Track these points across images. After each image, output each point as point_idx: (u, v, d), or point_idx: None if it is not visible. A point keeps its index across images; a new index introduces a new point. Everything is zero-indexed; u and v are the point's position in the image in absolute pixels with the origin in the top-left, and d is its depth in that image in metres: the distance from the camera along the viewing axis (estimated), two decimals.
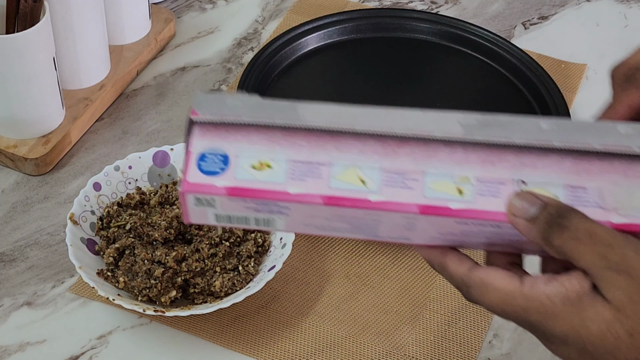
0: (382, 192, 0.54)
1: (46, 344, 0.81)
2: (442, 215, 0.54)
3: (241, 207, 0.55)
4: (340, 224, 0.56)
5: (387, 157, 0.55)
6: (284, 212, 0.55)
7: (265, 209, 0.55)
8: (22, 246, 0.88)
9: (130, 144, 0.98)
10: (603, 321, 0.53)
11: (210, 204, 0.55)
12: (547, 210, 0.53)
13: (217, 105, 0.55)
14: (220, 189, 0.54)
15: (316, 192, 0.54)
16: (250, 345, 0.81)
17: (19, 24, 0.90)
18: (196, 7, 1.16)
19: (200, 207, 0.55)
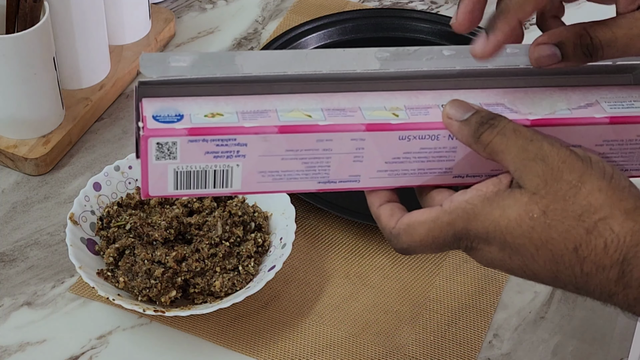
0: (328, 120, 0.59)
1: (46, 344, 0.81)
2: (386, 129, 0.59)
3: (201, 154, 0.57)
4: (295, 164, 0.59)
5: (323, 100, 0.60)
6: (241, 153, 0.57)
7: (224, 150, 0.57)
8: (22, 246, 0.88)
9: (130, 144, 0.98)
10: (520, 205, 0.56)
11: (172, 153, 0.56)
12: (478, 114, 0.59)
13: (162, 66, 0.58)
14: (181, 130, 0.56)
15: (270, 124, 0.57)
16: (250, 345, 0.81)
17: (19, 24, 0.90)
18: (196, 7, 1.16)
19: (161, 161, 0.56)
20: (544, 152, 0.57)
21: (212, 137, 0.56)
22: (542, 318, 0.84)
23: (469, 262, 0.88)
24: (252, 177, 0.58)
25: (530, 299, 0.85)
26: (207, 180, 0.58)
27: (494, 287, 0.86)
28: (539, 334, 0.83)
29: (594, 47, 0.60)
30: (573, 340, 0.82)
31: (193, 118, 0.57)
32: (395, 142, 0.60)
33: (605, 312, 0.84)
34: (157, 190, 0.58)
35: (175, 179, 0.58)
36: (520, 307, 0.85)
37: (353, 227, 0.90)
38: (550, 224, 0.56)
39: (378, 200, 0.62)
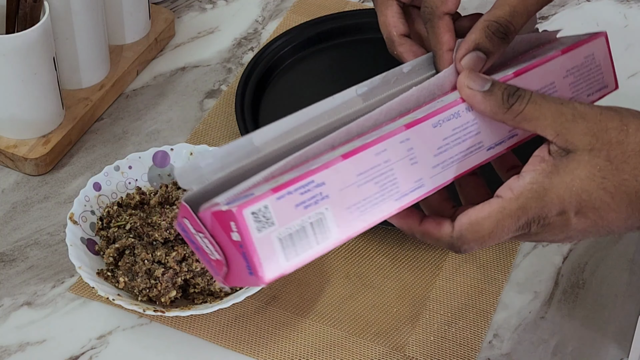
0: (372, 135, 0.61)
1: (46, 344, 0.81)
2: (421, 121, 0.61)
3: (292, 209, 0.56)
4: (370, 187, 0.59)
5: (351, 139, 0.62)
6: (324, 194, 0.57)
7: (310, 197, 0.56)
8: (22, 246, 0.88)
9: (130, 144, 0.98)
10: (585, 164, 0.59)
11: (268, 219, 0.55)
12: (500, 85, 0.61)
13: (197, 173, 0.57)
14: (265, 192, 0.55)
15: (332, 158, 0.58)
16: (250, 346, 0.81)
17: (19, 24, 0.90)
18: (196, 7, 1.16)
19: (262, 233, 0.55)
20: (579, 110, 0.60)
21: (293, 186, 0.56)
22: (542, 318, 0.84)
23: (469, 262, 0.88)
24: (343, 217, 0.58)
25: (530, 299, 0.85)
26: (309, 237, 0.57)
27: (494, 287, 0.86)
28: (539, 334, 0.83)
29: (504, 27, 0.63)
30: (573, 340, 0.82)
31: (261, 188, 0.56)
32: (432, 132, 0.61)
33: (605, 313, 0.84)
34: (272, 270, 0.55)
35: (282, 247, 0.56)
36: (520, 307, 0.85)
37: None
38: (618, 167, 0.59)
39: (413, 221, 0.63)
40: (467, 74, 0.62)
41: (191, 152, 0.90)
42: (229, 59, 1.09)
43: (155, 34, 1.07)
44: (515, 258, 0.88)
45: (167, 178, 0.89)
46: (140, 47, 1.06)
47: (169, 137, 0.99)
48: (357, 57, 1.08)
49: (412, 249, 0.88)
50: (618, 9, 1.17)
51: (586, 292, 0.86)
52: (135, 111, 1.02)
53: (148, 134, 0.99)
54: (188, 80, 1.06)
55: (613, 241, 0.90)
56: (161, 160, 0.89)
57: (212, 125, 1.00)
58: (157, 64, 1.08)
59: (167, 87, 1.05)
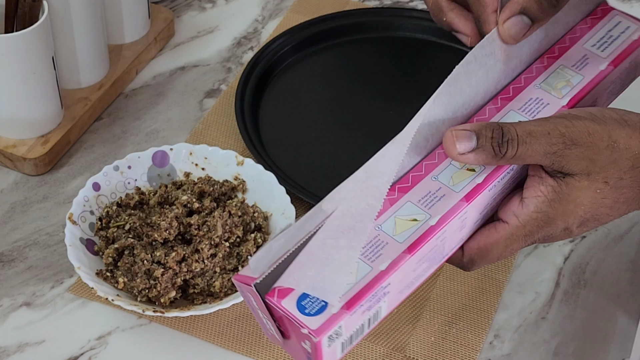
0: (432, 213, 0.60)
1: (45, 344, 0.81)
2: (480, 191, 0.61)
3: (360, 316, 0.57)
4: (424, 265, 0.61)
5: (405, 193, 0.62)
6: (387, 290, 0.58)
7: (376, 299, 0.58)
8: (21, 246, 0.88)
9: (130, 143, 0.98)
10: (585, 189, 0.61)
11: (339, 335, 0.57)
12: (484, 136, 0.60)
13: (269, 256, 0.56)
14: (340, 311, 0.56)
15: (397, 254, 0.58)
16: (250, 346, 0.80)
17: (18, 24, 0.90)
18: (196, 6, 1.16)
19: (331, 347, 0.56)
20: (569, 137, 0.60)
21: (366, 299, 0.57)
22: (543, 319, 0.84)
23: None
24: (395, 300, 0.60)
25: (531, 300, 0.85)
26: (364, 330, 0.59)
27: (495, 287, 0.86)
28: (540, 335, 0.82)
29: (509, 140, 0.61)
30: (574, 340, 0.82)
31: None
32: (487, 194, 0.63)
33: (607, 313, 0.84)
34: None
35: (342, 349, 0.58)
36: (521, 307, 0.85)
37: None
38: (616, 185, 0.61)
39: None
40: (449, 140, 0.61)
41: (191, 151, 0.89)
42: (228, 59, 1.08)
43: (155, 34, 1.07)
44: (516, 258, 0.88)
45: (166, 178, 0.89)
46: (140, 46, 1.06)
47: (169, 136, 0.99)
48: (357, 57, 1.08)
49: None
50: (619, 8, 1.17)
51: (587, 292, 0.86)
52: (135, 111, 1.02)
53: (147, 133, 0.99)
54: (187, 79, 1.06)
55: (614, 241, 0.90)
56: (160, 160, 0.89)
57: (211, 125, 1.00)
58: (157, 63, 1.08)
59: (166, 86, 1.05)
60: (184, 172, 0.90)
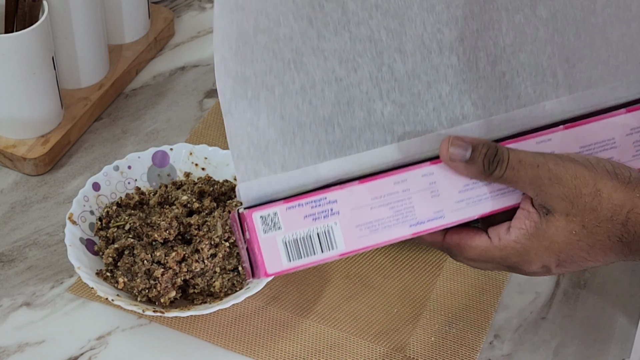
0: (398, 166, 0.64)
1: (45, 344, 0.81)
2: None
3: (301, 219, 0.62)
4: (384, 211, 0.64)
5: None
6: (334, 210, 0.63)
7: (320, 211, 0.63)
8: (21, 246, 0.88)
9: (130, 143, 0.98)
10: (562, 229, 0.64)
11: (276, 224, 0.62)
12: (480, 152, 0.64)
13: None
14: (278, 201, 0.62)
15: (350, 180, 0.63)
16: (250, 346, 0.80)
17: (18, 24, 0.90)
18: (196, 6, 1.16)
19: (268, 234, 0.62)
20: (555, 174, 0.63)
21: (305, 200, 0.62)
22: (543, 319, 0.84)
23: None
24: (351, 234, 0.63)
25: (531, 300, 0.85)
26: (314, 245, 0.63)
27: (495, 287, 0.86)
28: (540, 335, 0.82)
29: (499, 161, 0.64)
30: (574, 341, 0.82)
31: (283, 195, 0.63)
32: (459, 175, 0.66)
33: (607, 313, 0.84)
34: (274, 266, 0.62)
35: (286, 249, 0.62)
36: (521, 307, 0.85)
37: None
38: (592, 231, 0.64)
39: None
40: (448, 142, 0.64)
41: (191, 151, 0.89)
42: None
43: (155, 34, 1.07)
44: None
45: (166, 178, 0.89)
46: (140, 46, 1.06)
47: (169, 136, 0.99)
48: None
49: (412, 250, 0.88)
50: None
51: (587, 292, 0.86)
52: (135, 111, 1.02)
53: (147, 133, 0.99)
54: (187, 79, 1.06)
55: None
56: (160, 160, 0.89)
57: (211, 124, 1.00)
58: (157, 63, 1.08)
59: (166, 86, 1.05)
60: (184, 172, 0.90)
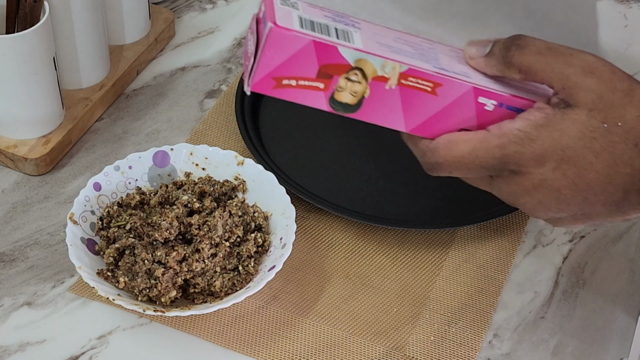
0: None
1: (46, 344, 0.81)
2: None
3: (321, 14, 0.58)
4: (406, 47, 0.60)
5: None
6: (357, 26, 0.59)
7: (341, 20, 0.58)
8: (22, 246, 0.88)
9: (130, 144, 0.98)
10: (580, 123, 0.58)
11: (294, 4, 0.58)
12: (500, 42, 0.59)
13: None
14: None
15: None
16: (250, 346, 0.81)
17: (19, 24, 0.90)
18: (196, 7, 1.16)
19: (285, 7, 0.58)
20: (590, 63, 0.58)
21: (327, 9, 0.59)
22: (542, 318, 0.84)
23: (469, 262, 0.88)
24: (371, 43, 0.58)
25: (530, 299, 0.85)
26: (330, 32, 0.58)
27: (494, 287, 0.86)
28: (539, 334, 0.83)
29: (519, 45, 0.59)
30: (573, 340, 0.82)
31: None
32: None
33: (606, 312, 0.84)
34: (284, 23, 0.57)
35: (300, 21, 0.58)
36: (520, 307, 0.85)
37: (353, 227, 0.90)
38: (611, 129, 0.57)
39: None
40: (469, 45, 0.61)
41: (191, 152, 0.90)
42: (229, 59, 1.09)
43: (155, 34, 1.07)
44: (515, 258, 0.88)
45: (167, 178, 0.89)
46: (140, 47, 1.06)
47: (169, 137, 0.99)
48: None
49: (412, 249, 0.88)
50: (618, 9, 1.17)
51: (586, 292, 0.86)
52: (135, 111, 1.02)
53: (148, 134, 0.99)
54: (188, 80, 1.06)
55: (613, 241, 0.90)
56: (161, 160, 0.89)
57: (212, 125, 1.00)
58: (157, 64, 1.08)
59: (167, 87, 1.05)
60: (185, 172, 0.90)
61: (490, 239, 0.89)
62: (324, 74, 0.58)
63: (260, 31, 0.58)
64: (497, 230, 0.90)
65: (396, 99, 0.60)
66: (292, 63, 0.58)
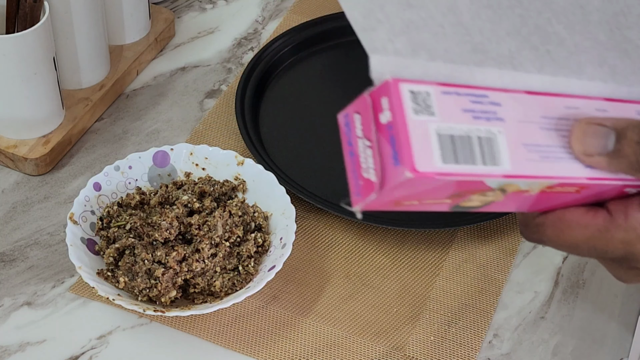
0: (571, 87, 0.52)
1: (46, 344, 0.81)
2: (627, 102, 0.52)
3: (459, 111, 0.47)
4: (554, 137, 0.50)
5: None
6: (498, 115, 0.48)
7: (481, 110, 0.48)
8: (22, 246, 0.88)
9: (130, 144, 0.98)
10: None
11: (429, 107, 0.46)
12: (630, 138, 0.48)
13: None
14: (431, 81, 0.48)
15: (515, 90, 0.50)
16: (250, 346, 0.81)
17: (19, 24, 0.90)
18: (196, 7, 1.16)
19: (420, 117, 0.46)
20: None
21: (464, 89, 0.48)
22: (542, 318, 0.84)
23: (469, 262, 0.88)
24: (518, 152, 0.48)
25: (530, 299, 0.85)
26: (474, 151, 0.47)
27: (494, 287, 0.86)
28: (539, 334, 0.83)
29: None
30: (573, 340, 0.82)
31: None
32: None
33: (605, 312, 0.84)
34: (423, 162, 0.46)
35: (441, 145, 0.46)
36: (520, 307, 0.85)
37: (353, 227, 0.90)
38: None
39: None
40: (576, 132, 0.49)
41: (191, 152, 0.90)
42: (229, 59, 1.09)
43: (155, 34, 1.07)
44: (515, 258, 0.88)
45: (167, 178, 0.89)
46: (140, 47, 1.06)
47: (169, 137, 0.99)
48: (357, 57, 1.07)
49: (412, 249, 0.88)
50: None
51: (586, 292, 0.86)
52: (135, 111, 1.02)
53: (148, 134, 0.99)
54: (188, 80, 1.06)
55: None
56: (161, 160, 0.89)
57: (212, 125, 1.00)
58: (157, 64, 1.08)
59: (167, 87, 1.05)
60: (185, 172, 0.90)
61: (490, 239, 0.89)
62: (457, 195, 0.50)
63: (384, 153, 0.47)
64: (497, 230, 0.90)
65: (529, 199, 0.52)
66: (424, 194, 0.49)
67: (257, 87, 1.02)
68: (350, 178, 0.49)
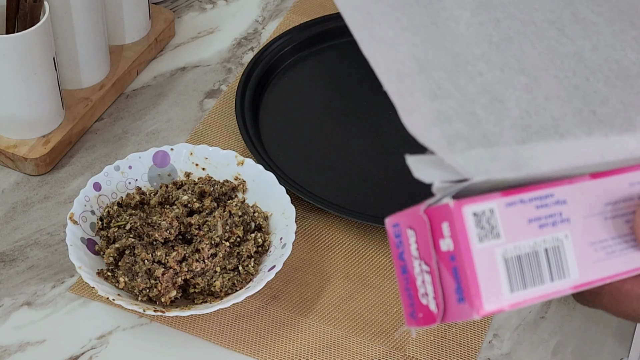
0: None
1: (46, 344, 0.81)
2: None
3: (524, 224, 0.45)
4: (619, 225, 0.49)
5: None
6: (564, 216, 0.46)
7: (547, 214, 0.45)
8: (22, 246, 0.88)
9: (130, 144, 0.98)
10: None
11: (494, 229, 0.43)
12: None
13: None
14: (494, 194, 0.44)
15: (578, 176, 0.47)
16: (250, 346, 0.81)
17: (19, 24, 0.90)
18: (196, 7, 1.16)
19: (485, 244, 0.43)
20: None
21: (528, 194, 0.45)
22: (542, 318, 0.84)
23: None
24: (585, 255, 0.46)
25: None
26: (542, 268, 0.45)
27: None
28: (539, 334, 0.83)
29: None
30: (573, 340, 0.82)
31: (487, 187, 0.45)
32: None
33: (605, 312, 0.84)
34: (492, 300, 0.43)
35: (508, 272, 0.44)
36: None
37: (353, 227, 0.90)
38: None
39: None
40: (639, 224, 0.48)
41: (191, 152, 0.90)
42: (229, 59, 1.09)
43: (155, 34, 1.08)
44: None
45: (167, 178, 0.89)
46: (140, 47, 1.06)
47: (169, 137, 0.99)
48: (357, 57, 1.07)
49: None
50: None
51: None
52: (136, 111, 1.02)
53: (148, 133, 0.99)
54: (188, 80, 1.06)
55: None
56: (161, 160, 0.89)
57: (212, 125, 1.00)
58: (157, 64, 1.08)
59: (167, 87, 1.05)
60: (185, 172, 0.90)
61: None
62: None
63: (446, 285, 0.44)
64: None
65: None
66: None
67: (257, 87, 1.02)
68: (403, 295, 0.46)
